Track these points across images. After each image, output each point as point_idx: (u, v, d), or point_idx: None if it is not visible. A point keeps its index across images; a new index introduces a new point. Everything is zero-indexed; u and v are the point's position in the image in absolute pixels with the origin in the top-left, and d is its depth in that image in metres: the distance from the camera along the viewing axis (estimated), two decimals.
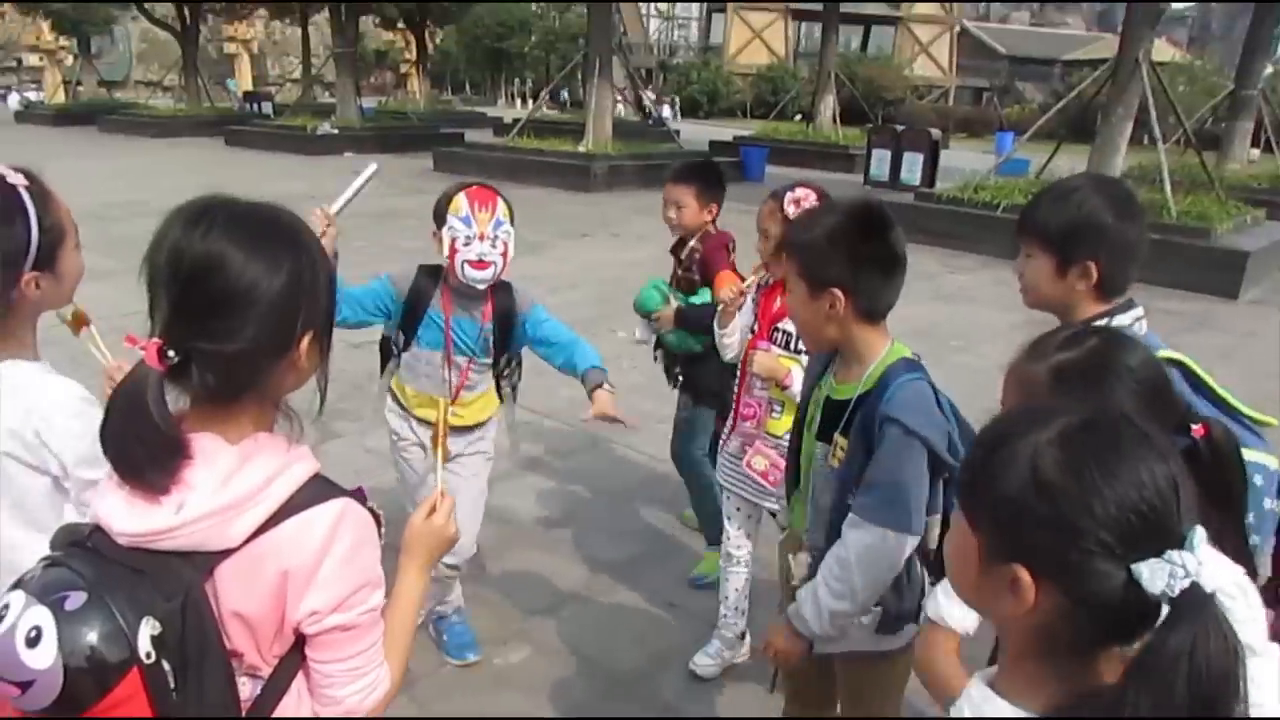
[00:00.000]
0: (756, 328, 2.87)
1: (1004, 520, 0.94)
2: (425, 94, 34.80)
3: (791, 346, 2.78)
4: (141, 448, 1.12)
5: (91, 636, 1.05)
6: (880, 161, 17.57)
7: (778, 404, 2.82)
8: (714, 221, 3.51)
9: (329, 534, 1.17)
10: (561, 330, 2.84)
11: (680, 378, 3.61)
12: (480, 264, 2.64)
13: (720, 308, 2.85)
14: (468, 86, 53.07)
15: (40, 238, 1.58)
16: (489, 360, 2.88)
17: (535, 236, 10.77)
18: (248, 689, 1.22)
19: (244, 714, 1.22)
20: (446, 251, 2.65)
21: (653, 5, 53.47)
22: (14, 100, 34.32)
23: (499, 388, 3.02)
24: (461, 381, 2.83)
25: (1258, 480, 1.64)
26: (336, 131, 21.85)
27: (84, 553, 1.15)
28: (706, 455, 3.55)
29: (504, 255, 2.68)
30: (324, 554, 1.17)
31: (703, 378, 3.47)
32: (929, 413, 1.85)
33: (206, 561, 1.13)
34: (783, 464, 2.70)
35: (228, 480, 1.14)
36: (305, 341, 1.21)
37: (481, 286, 2.68)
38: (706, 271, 3.40)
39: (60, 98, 33.57)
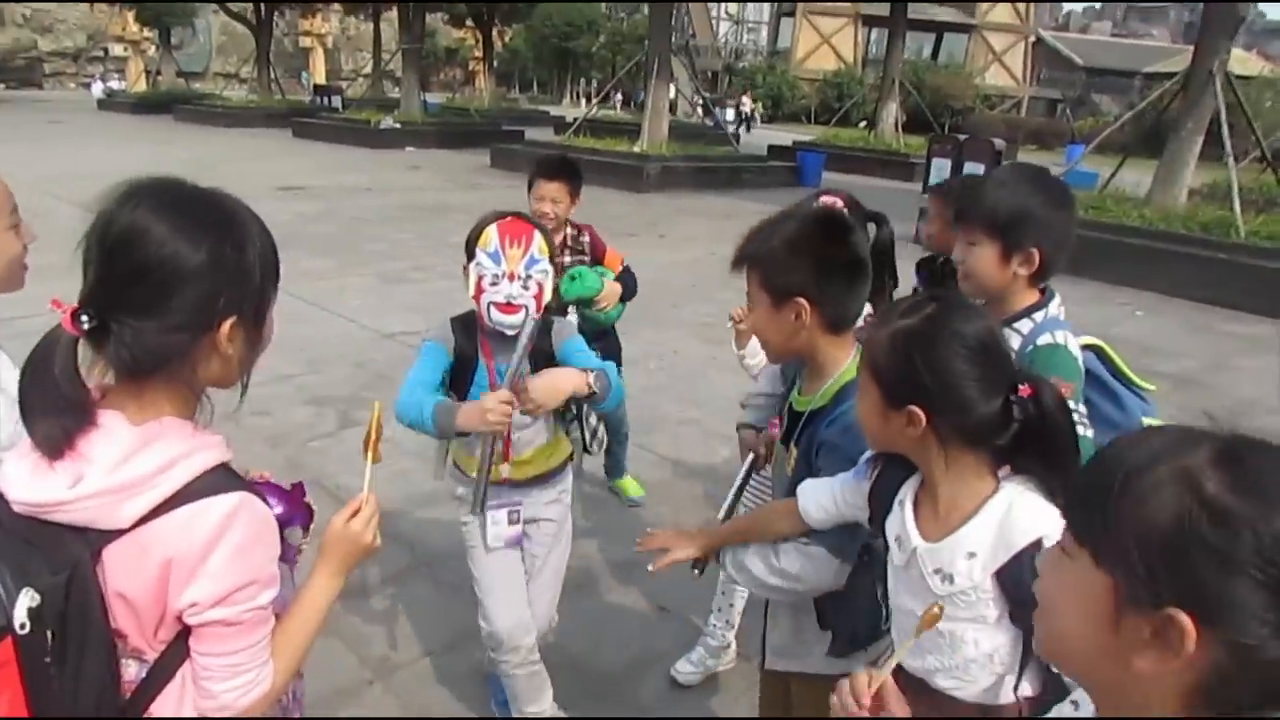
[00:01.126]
0: None
1: (1161, 557, 0.78)
2: (490, 91, 35.22)
3: None
4: (41, 404, 1.13)
5: None
6: (940, 170, 17.19)
7: None
8: None
9: (220, 526, 1.15)
10: (591, 361, 2.42)
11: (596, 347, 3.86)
12: (508, 307, 2.28)
13: (735, 327, 2.77)
14: (535, 85, 53.53)
15: None
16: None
17: None
18: (133, 671, 1.22)
19: (127, 696, 1.21)
20: (472, 291, 2.32)
21: (723, 8, 53.35)
22: (97, 89, 35.65)
23: (579, 435, 2.68)
24: (508, 433, 2.40)
25: None
26: (399, 126, 22.22)
27: None
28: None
29: (537, 297, 2.32)
30: (212, 546, 1.14)
31: (612, 346, 4.09)
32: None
33: (98, 539, 1.12)
34: None
35: (126, 460, 1.13)
36: (227, 326, 1.18)
37: (510, 333, 2.30)
38: (597, 252, 3.93)
39: (141, 87, 34.77)
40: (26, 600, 1.08)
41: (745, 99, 36.61)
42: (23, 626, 1.07)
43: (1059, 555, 0.89)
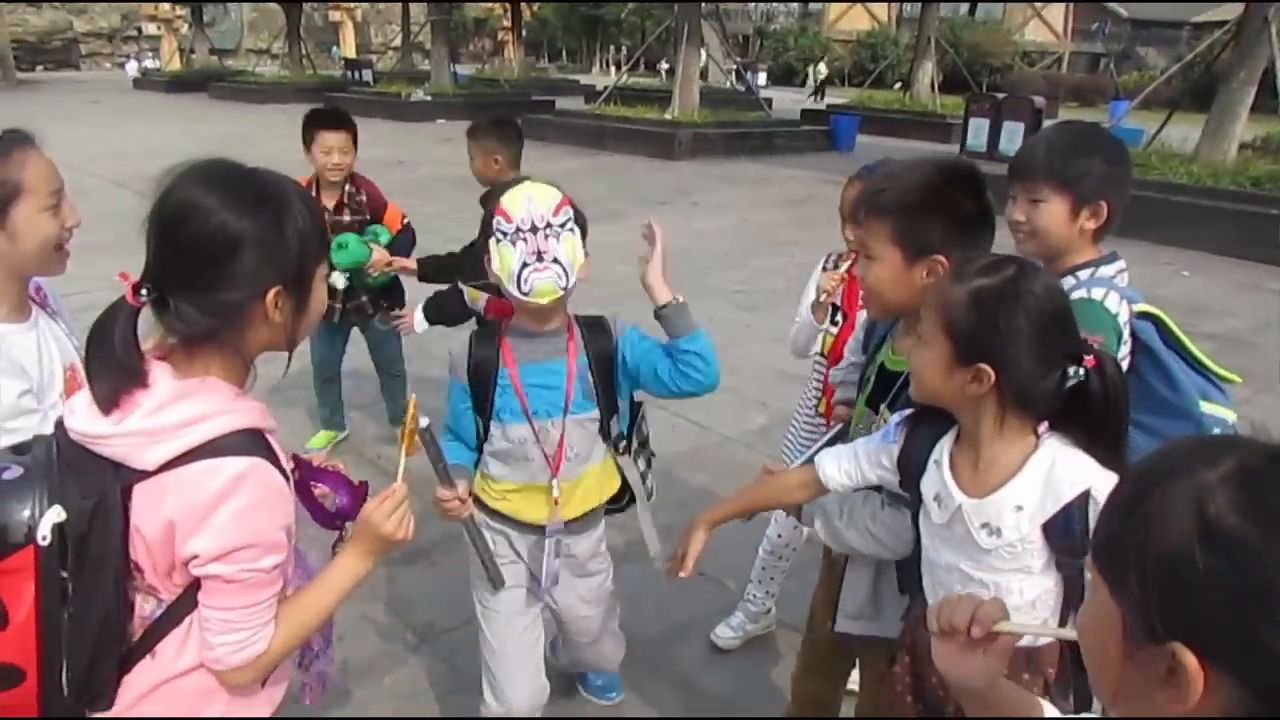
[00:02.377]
0: (841, 319, 2.73)
1: (1158, 585, 0.70)
2: (520, 61, 35.04)
3: None
4: (100, 367, 1.24)
5: (9, 507, 1.19)
6: (978, 131, 16.88)
7: None
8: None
9: (228, 485, 1.21)
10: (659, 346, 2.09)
11: (384, 303, 4.17)
12: (539, 266, 1.89)
13: (817, 299, 2.67)
14: (564, 54, 53.18)
15: None
16: (593, 415, 2.09)
17: (613, 204, 10.75)
18: (149, 608, 1.31)
19: (139, 632, 1.31)
20: (498, 265, 1.92)
21: None
22: (132, 68, 36.04)
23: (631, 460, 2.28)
24: (559, 452, 2.06)
25: (1216, 432, 1.82)
26: (429, 98, 22.21)
27: (48, 439, 1.29)
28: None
29: (568, 263, 1.94)
30: (218, 503, 1.21)
31: (396, 293, 4.22)
32: None
33: (129, 476, 1.22)
34: None
35: (161, 408, 1.22)
36: (272, 295, 1.26)
37: (545, 300, 1.92)
38: (376, 207, 4.05)
39: (175, 65, 35.06)
40: (53, 516, 1.20)
41: (822, 65, 35.11)
42: (44, 538, 1.19)
43: (1092, 581, 0.83)
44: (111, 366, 1.23)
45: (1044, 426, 1.53)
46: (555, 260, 1.91)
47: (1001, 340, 1.43)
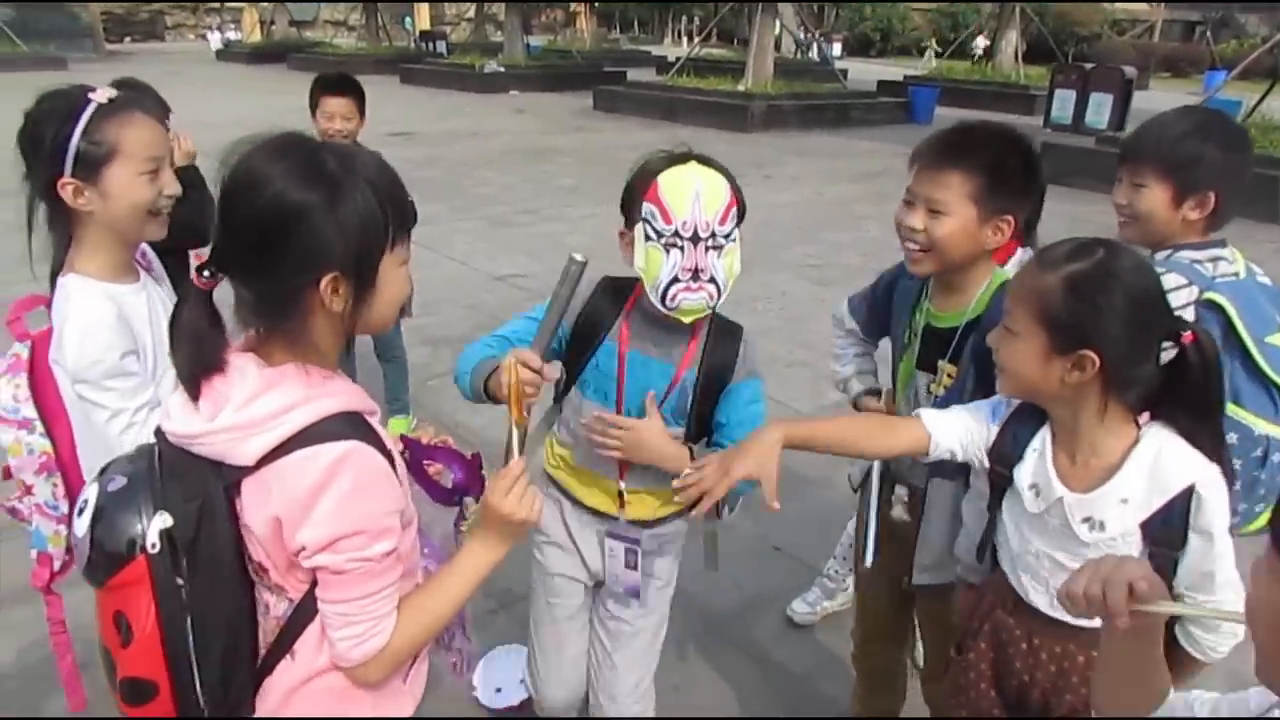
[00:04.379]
0: None
1: None
2: (592, 32, 34.96)
3: None
4: (178, 353, 1.22)
5: (117, 518, 1.17)
6: (1063, 103, 16.29)
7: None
8: None
9: (328, 472, 1.16)
10: (756, 416, 1.84)
11: None
12: (693, 286, 1.65)
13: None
14: (636, 25, 52.84)
15: (83, 146, 1.66)
16: (679, 433, 1.84)
17: None
18: (282, 608, 1.27)
19: (275, 633, 1.28)
20: (642, 262, 1.68)
21: None
22: (215, 39, 36.85)
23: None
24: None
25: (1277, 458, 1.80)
26: (503, 69, 22.30)
27: (150, 446, 1.26)
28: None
29: (724, 281, 1.70)
30: (320, 491, 1.16)
31: None
32: None
33: (232, 474, 1.18)
34: None
35: (251, 400, 1.18)
36: (326, 282, 1.17)
37: (688, 320, 1.71)
38: None
39: (256, 37, 35.78)
40: (160, 522, 1.16)
41: (980, 39, 32.21)
42: (154, 545, 1.16)
43: (1269, 570, 0.82)
44: (187, 355, 1.20)
45: (1145, 417, 1.49)
46: (712, 279, 1.67)
47: (1103, 324, 1.39)
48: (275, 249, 1.15)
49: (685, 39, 43.75)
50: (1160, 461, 1.45)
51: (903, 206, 1.85)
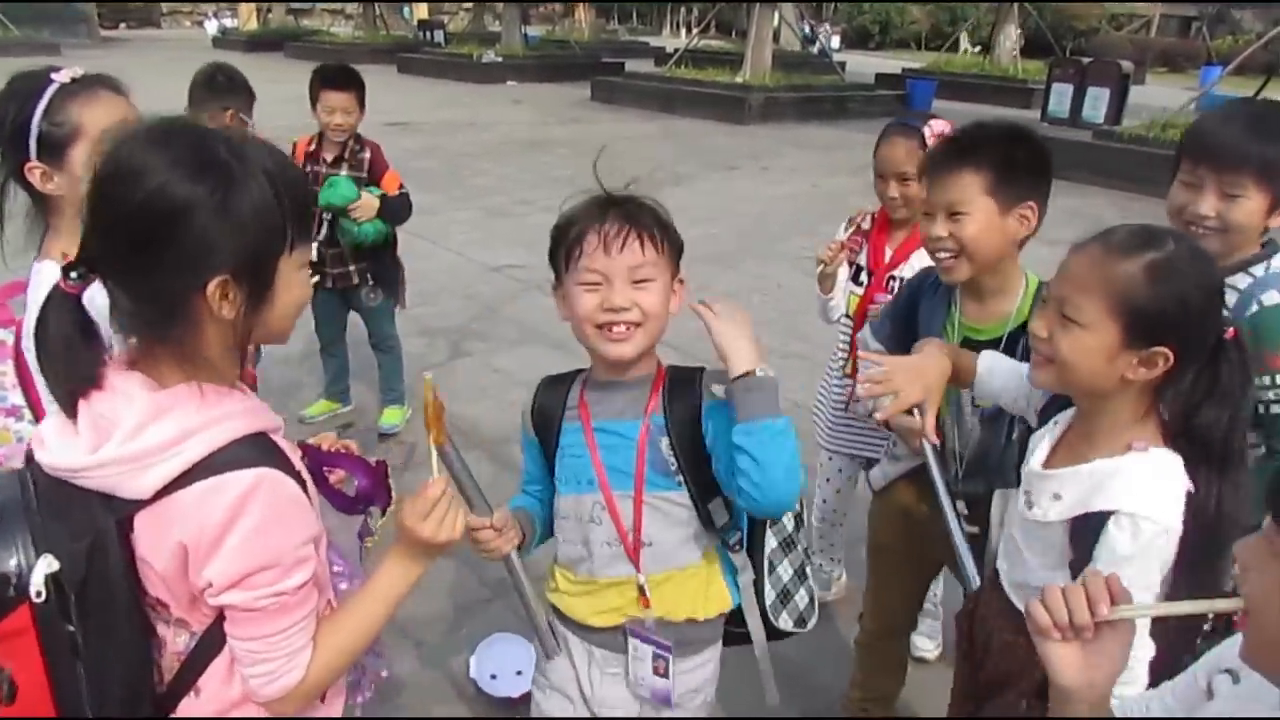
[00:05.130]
0: (867, 278, 2.71)
1: None
2: (590, 23, 34.82)
3: None
4: (46, 366, 1.11)
5: None
6: (1060, 97, 16.29)
7: None
8: None
9: (236, 504, 1.07)
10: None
11: (370, 277, 4.05)
12: (613, 323, 1.53)
13: (820, 269, 2.71)
14: (634, 15, 52.66)
15: (45, 128, 1.62)
16: (676, 497, 1.61)
17: (682, 169, 10.71)
18: (182, 642, 1.18)
19: (176, 667, 1.18)
20: (569, 314, 1.60)
21: None
22: (211, 27, 36.69)
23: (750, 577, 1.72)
24: (637, 535, 1.61)
25: None
26: (500, 60, 22.22)
27: (16, 475, 1.14)
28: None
29: (652, 306, 1.55)
30: (228, 525, 1.07)
31: (385, 269, 4.07)
32: None
33: (125, 508, 1.07)
34: None
35: (141, 429, 1.07)
36: (214, 286, 1.05)
37: (617, 356, 1.57)
38: (377, 170, 3.92)
39: (253, 25, 35.59)
40: (44, 567, 1.05)
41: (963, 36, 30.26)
42: (39, 594, 1.04)
43: (1268, 550, 0.81)
44: (58, 371, 1.08)
45: (1165, 452, 1.37)
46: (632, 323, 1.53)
47: (1188, 318, 1.30)
48: (155, 249, 1.03)
49: (684, 30, 43.61)
50: (1112, 477, 1.36)
51: (925, 220, 1.87)
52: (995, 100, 18.82)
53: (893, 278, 2.64)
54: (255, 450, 1.11)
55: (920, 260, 2.53)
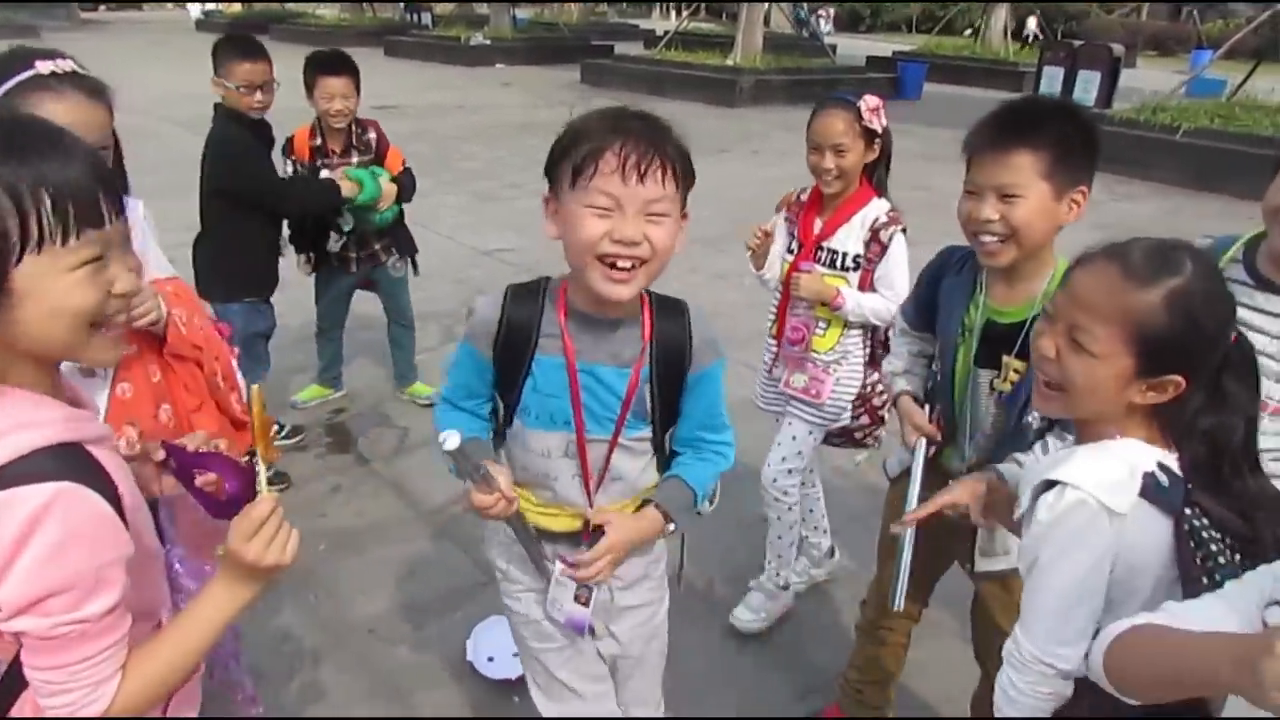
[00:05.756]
0: (797, 248, 2.76)
1: None
2: (579, 5, 34.59)
3: (838, 265, 2.66)
4: None
5: None
6: (1051, 80, 16.26)
7: (822, 321, 2.72)
8: None
9: (29, 522, 0.98)
10: (716, 415, 1.72)
11: (394, 250, 4.14)
12: (619, 257, 1.43)
13: (750, 254, 2.77)
14: None
15: None
16: (647, 434, 1.66)
17: None
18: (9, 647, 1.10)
19: None
20: (563, 233, 1.50)
21: None
22: (195, 9, 36.27)
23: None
24: (604, 476, 1.65)
25: None
26: (489, 42, 22.08)
27: None
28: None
29: (662, 243, 1.47)
30: (20, 544, 0.98)
31: (403, 238, 4.15)
32: None
33: None
34: (824, 378, 2.70)
35: None
36: (22, 270, 0.99)
37: (616, 298, 1.48)
38: (381, 149, 3.94)
39: (237, 7, 35.25)
40: None
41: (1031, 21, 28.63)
42: None
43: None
44: None
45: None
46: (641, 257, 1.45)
47: (1202, 345, 1.26)
48: None
49: (673, 12, 43.37)
50: (1066, 457, 1.34)
51: (967, 199, 1.77)
52: (986, 83, 18.82)
53: (821, 249, 2.70)
54: (58, 462, 1.02)
55: (848, 234, 2.64)
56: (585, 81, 18.47)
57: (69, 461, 1.03)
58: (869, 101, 2.57)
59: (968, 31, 25.74)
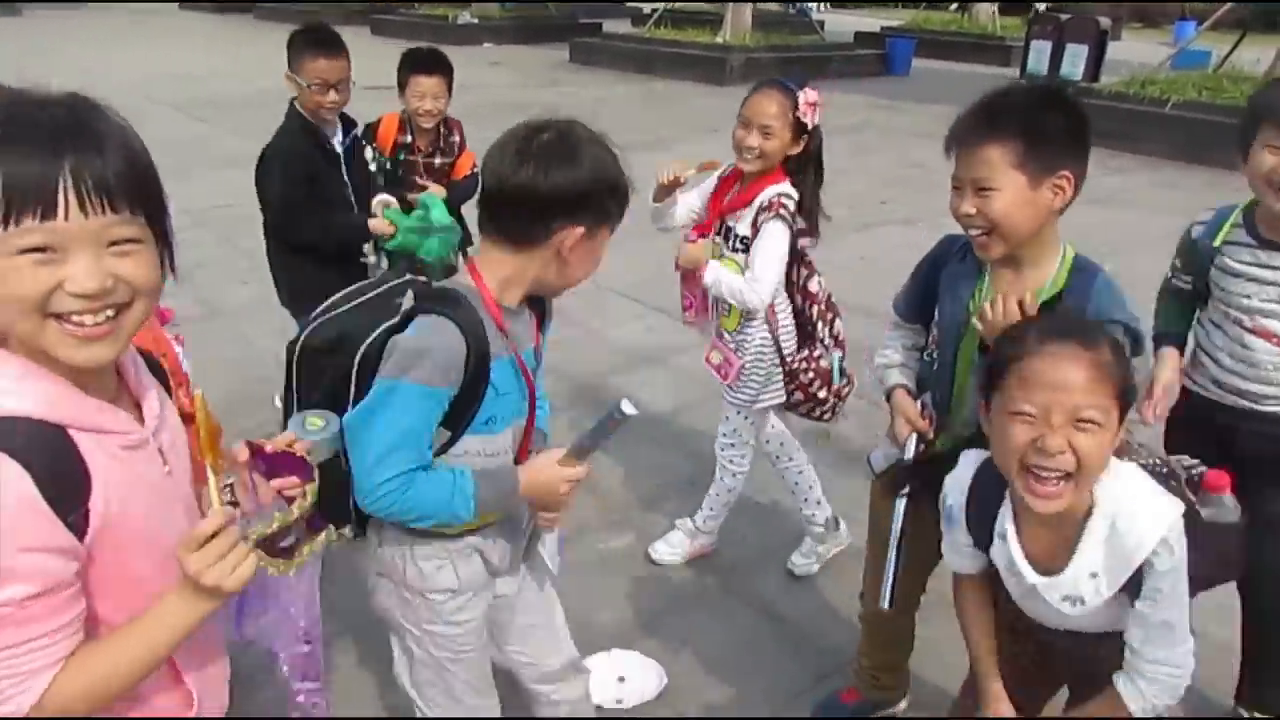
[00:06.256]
0: (703, 216, 2.85)
1: None
2: None
3: (730, 244, 2.74)
4: None
5: None
6: (1039, 54, 16.32)
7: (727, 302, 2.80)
8: None
9: None
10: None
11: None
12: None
13: (657, 186, 2.80)
14: None
15: None
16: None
17: (661, 131, 10.67)
18: None
19: None
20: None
21: None
22: None
23: None
24: (531, 439, 1.80)
25: None
26: (476, 21, 21.89)
27: None
28: None
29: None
30: None
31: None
32: (1128, 307, 1.83)
33: None
34: (734, 360, 2.79)
35: None
36: None
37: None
38: (460, 151, 3.87)
39: None
40: None
41: None
42: None
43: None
44: None
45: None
46: None
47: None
48: None
49: None
50: (1118, 528, 1.44)
51: (953, 194, 1.82)
52: (974, 58, 18.83)
53: (727, 227, 2.78)
54: (13, 433, 1.00)
55: (746, 215, 2.72)
56: (575, 60, 18.37)
57: (27, 436, 1.00)
58: (808, 95, 2.61)
59: (954, 6, 25.65)
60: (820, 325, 2.86)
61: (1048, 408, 1.38)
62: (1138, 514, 1.43)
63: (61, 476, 1.02)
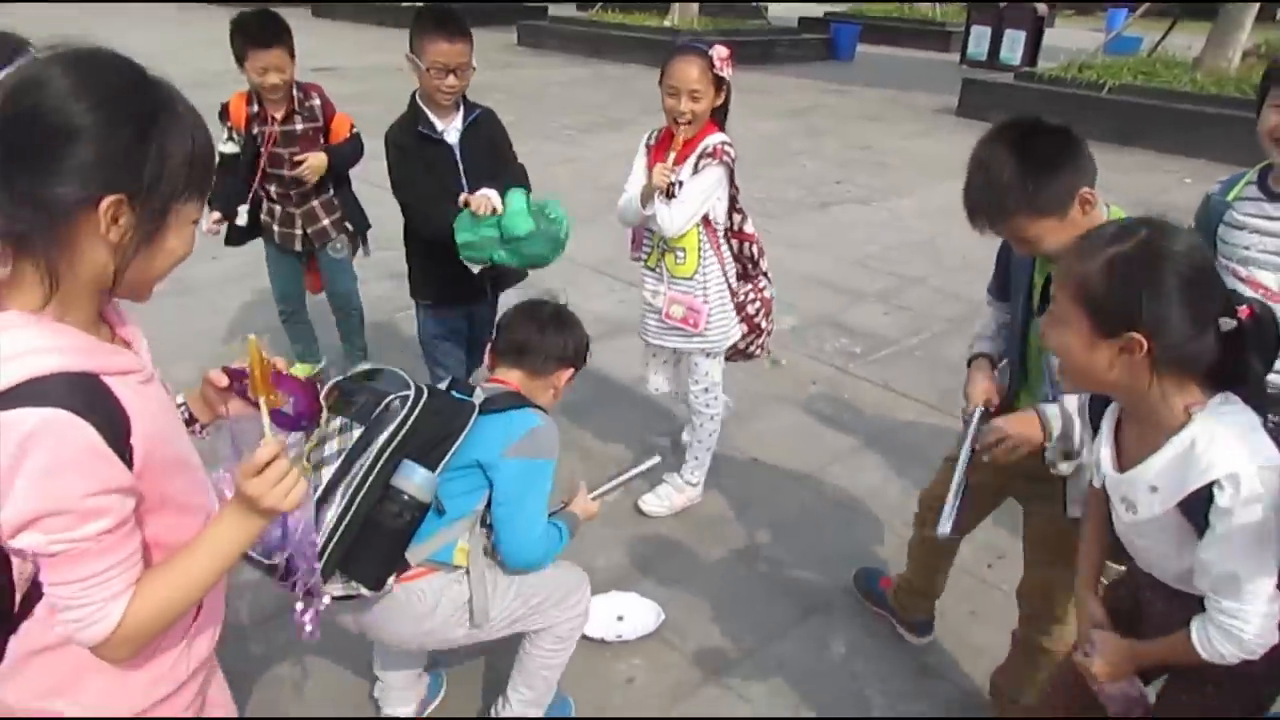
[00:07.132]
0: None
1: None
2: None
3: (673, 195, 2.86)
4: None
5: None
6: (979, 39, 16.80)
7: (680, 249, 2.97)
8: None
9: (20, 444, 1.03)
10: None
11: (346, 226, 3.90)
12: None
13: (643, 189, 2.89)
14: None
15: None
16: None
17: (618, 114, 10.79)
18: (29, 568, 1.18)
19: (27, 587, 1.20)
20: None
21: None
22: None
23: None
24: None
25: None
26: (421, 3, 21.63)
27: None
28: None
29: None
30: (16, 464, 1.04)
31: (353, 214, 3.93)
32: None
33: None
34: (700, 307, 2.96)
35: None
36: (109, 203, 1.06)
37: None
38: (327, 115, 3.75)
39: None
40: None
41: None
42: None
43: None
44: None
45: (1218, 399, 1.43)
46: None
47: (1150, 304, 1.35)
48: (55, 153, 1.04)
49: None
50: (1193, 450, 1.40)
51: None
52: (915, 44, 19.25)
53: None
54: (64, 389, 1.06)
55: (688, 167, 2.86)
56: (523, 44, 18.33)
57: (77, 390, 1.07)
58: (720, 51, 2.81)
59: None
60: (761, 260, 3.11)
61: None
62: (1217, 440, 1.38)
63: (110, 420, 1.10)
